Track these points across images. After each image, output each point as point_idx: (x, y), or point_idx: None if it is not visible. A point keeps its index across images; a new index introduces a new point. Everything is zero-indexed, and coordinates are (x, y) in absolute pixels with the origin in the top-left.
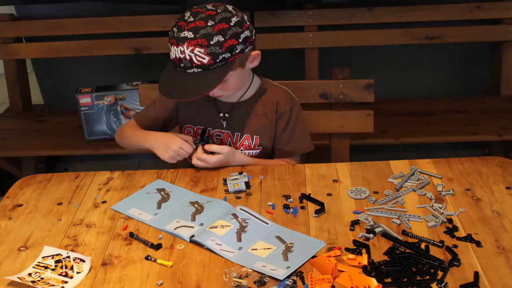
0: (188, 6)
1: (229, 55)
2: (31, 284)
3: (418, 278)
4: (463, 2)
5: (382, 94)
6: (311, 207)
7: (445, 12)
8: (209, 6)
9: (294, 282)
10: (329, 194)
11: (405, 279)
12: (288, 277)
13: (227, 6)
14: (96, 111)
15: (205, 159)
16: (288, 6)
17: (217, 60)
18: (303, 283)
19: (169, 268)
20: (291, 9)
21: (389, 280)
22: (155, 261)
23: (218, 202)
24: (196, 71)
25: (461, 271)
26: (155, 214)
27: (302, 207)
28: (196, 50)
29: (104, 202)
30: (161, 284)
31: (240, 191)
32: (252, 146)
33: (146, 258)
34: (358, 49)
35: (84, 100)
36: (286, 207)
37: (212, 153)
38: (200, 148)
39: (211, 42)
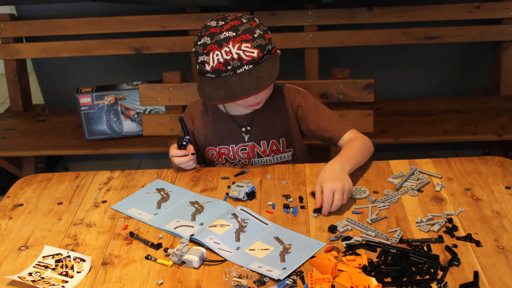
0: None
1: (271, 47)
2: (31, 283)
3: (418, 277)
4: (463, 2)
5: (382, 94)
6: (311, 207)
7: (445, 12)
8: (228, 14)
9: (294, 281)
10: None
11: (405, 279)
12: (288, 276)
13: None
14: (96, 111)
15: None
16: (288, 6)
17: (265, 52)
18: (303, 283)
19: (169, 267)
20: (291, 9)
21: (389, 279)
22: (155, 260)
23: (218, 202)
24: (247, 68)
25: (461, 271)
26: (155, 214)
27: (302, 207)
28: (243, 45)
29: (104, 201)
30: (161, 283)
31: (238, 199)
32: (282, 150)
33: (146, 257)
34: (358, 49)
35: (84, 100)
36: (286, 206)
37: None
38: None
39: (255, 35)
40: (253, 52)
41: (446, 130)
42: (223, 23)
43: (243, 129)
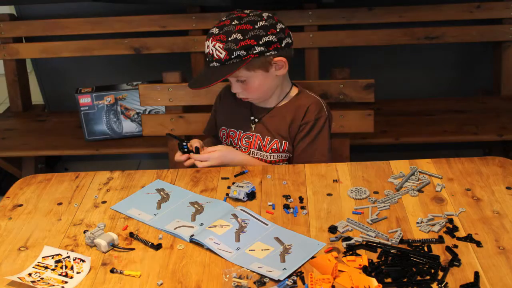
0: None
1: (245, 53)
2: (31, 284)
3: (418, 278)
4: (463, 2)
5: (382, 94)
6: (312, 207)
7: (445, 12)
8: (246, 11)
9: (294, 282)
10: (329, 194)
11: (405, 279)
12: (289, 277)
13: (264, 12)
14: (96, 111)
15: (201, 157)
16: (288, 6)
17: (232, 56)
18: (303, 283)
19: (168, 268)
20: (291, 9)
21: (389, 280)
22: (121, 273)
23: (218, 203)
24: (215, 65)
25: (461, 271)
26: (154, 214)
27: (302, 207)
28: (217, 45)
29: (104, 202)
30: (161, 284)
31: (238, 200)
32: (281, 150)
33: (111, 271)
34: (358, 49)
35: (84, 100)
36: (286, 207)
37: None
38: (193, 154)
39: (229, 39)
40: (221, 53)
41: (446, 130)
42: (224, 19)
43: (252, 118)
